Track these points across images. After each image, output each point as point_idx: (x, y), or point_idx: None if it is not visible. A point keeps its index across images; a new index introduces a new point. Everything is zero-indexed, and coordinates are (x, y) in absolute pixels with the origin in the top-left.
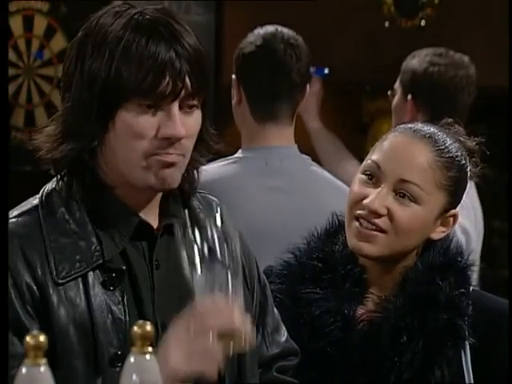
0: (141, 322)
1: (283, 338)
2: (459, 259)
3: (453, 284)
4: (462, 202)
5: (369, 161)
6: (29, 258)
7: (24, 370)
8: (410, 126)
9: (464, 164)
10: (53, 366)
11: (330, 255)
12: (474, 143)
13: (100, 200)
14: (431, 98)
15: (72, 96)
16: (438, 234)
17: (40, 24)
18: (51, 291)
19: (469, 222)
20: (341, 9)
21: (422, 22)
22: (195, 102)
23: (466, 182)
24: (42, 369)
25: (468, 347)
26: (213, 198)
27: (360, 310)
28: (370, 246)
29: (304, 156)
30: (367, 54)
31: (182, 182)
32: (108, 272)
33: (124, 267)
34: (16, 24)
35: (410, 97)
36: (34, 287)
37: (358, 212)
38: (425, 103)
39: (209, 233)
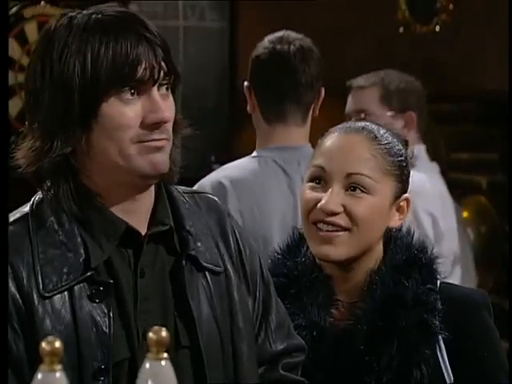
0: (156, 328)
1: (288, 335)
2: (421, 256)
3: (419, 280)
4: (427, 189)
5: (312, 168)
6: (16, 270)
7: (40, 375)
8: (341, 125)
9: (402, 149)
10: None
11: (292, 268)
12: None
13: (87, 207)
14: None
15: (47, 108)
16: (395, 221)
17: None
18: (37, 304)
19: (434, 206)
20: (355, 13)
21: (437, 28)
22: (168, 86)
23: (408, 167)
24: (58, 375)
25: (442, 342)
26: (213, 197)
27: (330, 319)
28: (335, 249)
29: None
30: (380, 59)
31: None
32: (95, 284)
33: (111, 281)
34: (31, 30)
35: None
36: (20, 300)
37: (315, 217)
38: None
39: (200, 236)
